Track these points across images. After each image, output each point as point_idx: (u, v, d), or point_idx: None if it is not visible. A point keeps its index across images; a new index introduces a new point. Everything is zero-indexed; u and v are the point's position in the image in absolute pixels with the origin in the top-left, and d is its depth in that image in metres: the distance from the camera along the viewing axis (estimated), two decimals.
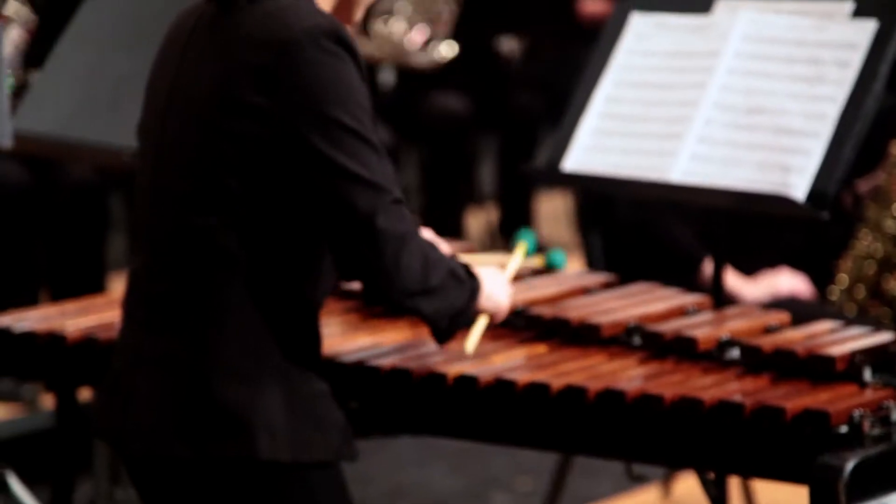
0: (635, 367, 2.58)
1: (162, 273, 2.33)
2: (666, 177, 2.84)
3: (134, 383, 2.33)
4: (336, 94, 2.22)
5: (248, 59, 2.24)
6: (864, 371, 2.46)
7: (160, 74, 2.38)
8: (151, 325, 2.34)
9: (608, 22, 3.08)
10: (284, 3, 2.27)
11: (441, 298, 2.30)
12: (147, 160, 2.37)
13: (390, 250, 2.24)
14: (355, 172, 2.22)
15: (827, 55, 2.81)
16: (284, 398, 2.29)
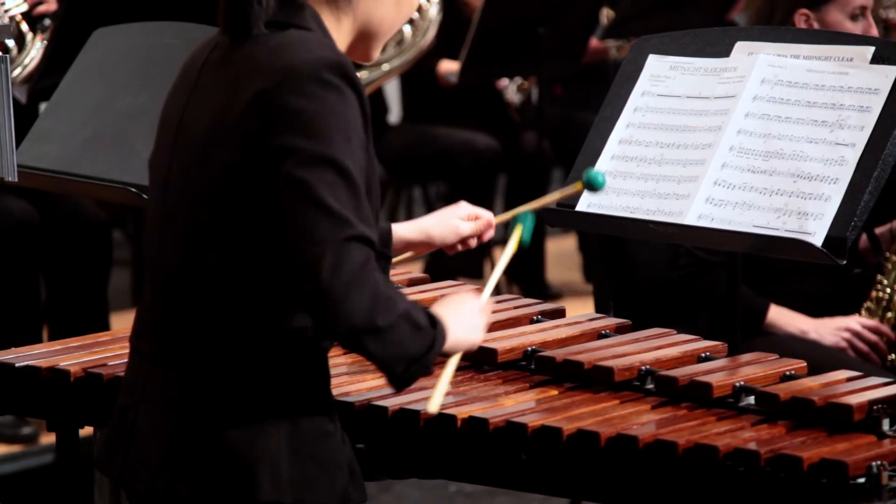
0: (648, 412, 2.57)
1: (169, 308, 2.33)
2: (681, 220, 2.84)
3: (138, 419, 2.33)
4: (325, 125, 2.20)
5: (249, 87, 2.24)
6: (883, 421, 2.45)
7: (172, 107, 2.38)
8: (158, 360, 2.34)
9: (624, 63, 3.09)
10: (297, 35, 2.28)
11: (391, 341, 2.21)
12: (155, 193, 2.38)
13: (340, 283, 2.17)
14: (323, 201, 2.18)
15: (847, 100, 2.82)
16: (289, 438, 2.28)
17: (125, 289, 5.76)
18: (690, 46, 3.05)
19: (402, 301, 2.23)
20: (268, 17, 2.27)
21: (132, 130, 3.45)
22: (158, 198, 2.36)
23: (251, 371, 2.29)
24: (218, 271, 2.27)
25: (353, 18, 2.35)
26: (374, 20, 2.36)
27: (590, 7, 6.00)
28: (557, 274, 6.48)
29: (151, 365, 2.34)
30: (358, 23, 2.35)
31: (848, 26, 3.77)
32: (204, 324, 2.30)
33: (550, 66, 6.05)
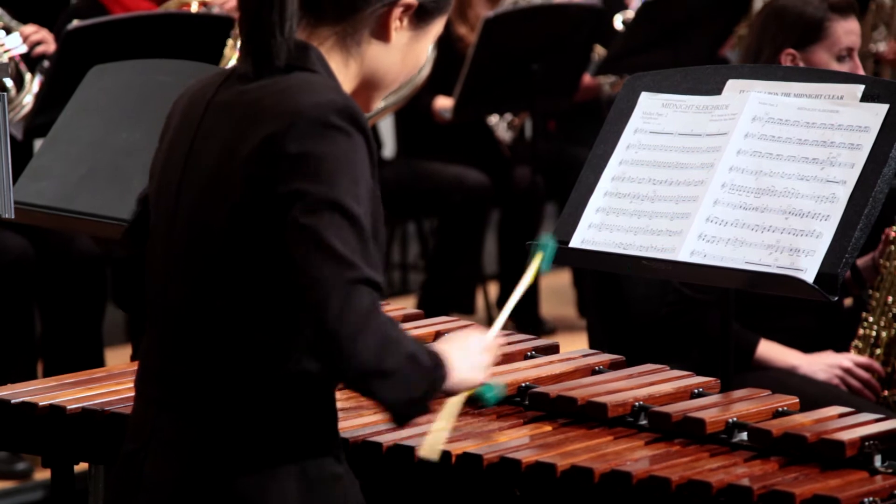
0: (641, 448, 2.57)
1: (175, 352, 2.32)
2: (674, 256, 2.85)
3: (146, 464, 2.32)
4: (333, 168, 2.20)
5: (257, 130, 2.23)
6: (875, 457, 2.46)
7: (175, 148, 2.36)
8: (164, 404, 2.32)
9: (616, 100, 3.10)
10: (303, 78, 2.27)
11: (397, 383, 2.21)
12: (159, 235, 2.36)
13: (348, 327, 2.16)
14: (329, 244, 2.17)
15: (838, 137, 2.83)
16: (298, 482, 2.27)
17: (120, 324, 5.76)
18: (682, 84, 3.06)
19: (407, 342, 2.23)
20: (291, 47, 2.26)
21: (128, 167, 3.45)
22: (162, 241, 2.34)
23: (259, 415, 2.27)
24: (224, 315, 2.26)
25: (360, 64, 2.35)
26: (380, 69, 2.36)
27: (582, 44, 6.02)
28: (552, 309, 6.48)
29: (158, 409, 2.32)
30: (364, 69, 2.35)
31: (834, 67, 3.79)
32: (209, 368, 2.28)
33: (544, 102, 6.07)
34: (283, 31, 2.25)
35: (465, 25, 6.14)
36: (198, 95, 2.37)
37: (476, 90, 5.79)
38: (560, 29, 5.93)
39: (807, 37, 3.81)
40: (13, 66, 4.83)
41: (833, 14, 3.82)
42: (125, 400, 2.78)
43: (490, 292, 6.47)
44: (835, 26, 3.81)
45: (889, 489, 2.38)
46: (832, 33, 3.81)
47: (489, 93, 5.87)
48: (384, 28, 2.33)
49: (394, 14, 2.33)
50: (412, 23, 2.35)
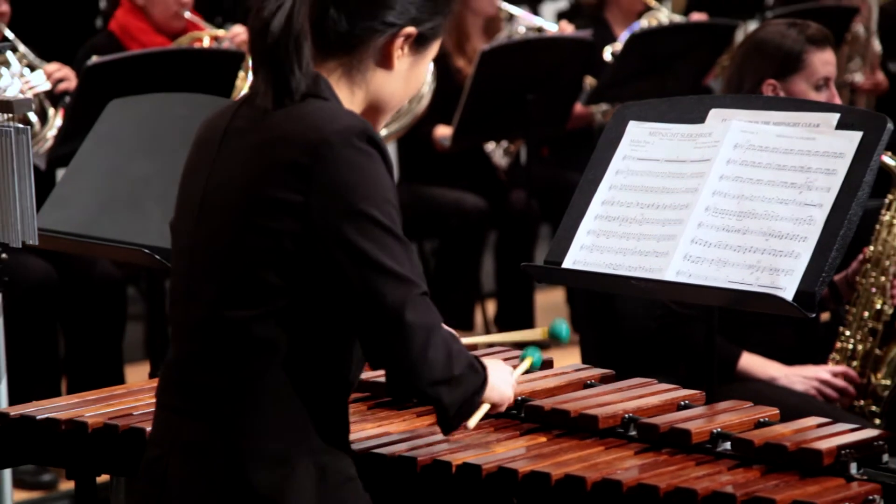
0: (631, 458, 2.58)
1: (198, 363, 2.33)
2: (661, 276, 2.86)
3: (169, 469, 2.33)
4: (366, 191, 2.24)
5: (283, 158, 2.25)
6: (851, 465, 2.46)
7: (193, 174, 2.38)
8: (186, 413, 2.33)
9: (606, 128, 3.11)
10: (317, 105, 2.29)
11: (458, 388, 2.30)
12: (181, 256, 2.38)
13: (418, 342, 2.24)
14: (385, 265, 2.23)
15: (814, 163, 2.83)
16: (315, 482, 2.29)
17: (138, 342, 5.76)
18: (668, 113, 3.06)
19: (465, 351, 2.33)
20: (309, 81, 2.28)
21: (145, 195, 3.46)
22: (185, 260, 2.36)
23: (280, 419, 2.29)
24: (252, 327, 2.27)
25: (365, 91, 2.37)
26: (384, 94, 2.38)
27: (574, 75, 6.03)
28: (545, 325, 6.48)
29: (180, 418, 2.34)
30: (370, 96, 2.37)
31: (812, 96, 3.79)
32: (234, 378, 2.30)
33: (538, 130, 6.08)
34: (301, 67, 2.27)
35: (463, 58, 6.16)
36: (214, 123, 2.38)
37: (474, 119, 5.80)
38: (553, 61, 5.94)
39: (786, 67, 3.82)
40: (37, 101, 4.85)
41: (810, 46, 3.83)
42: (144, 415, 2.79)
43: (488, 310, 6.48)
44: (812, 58, 3.82)
45: (864, 495, 2.39)
46: (810, 64, 3.82)
47: (486, 121, 5.88)
48: (387, 57, 2.35)
49: (395, 44, 2.35)
50: (412, 49, 2.37)
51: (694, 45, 6.15)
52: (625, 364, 3.66)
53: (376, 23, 2.33)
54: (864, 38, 6.70)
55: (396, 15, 2.33)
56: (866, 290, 4.01)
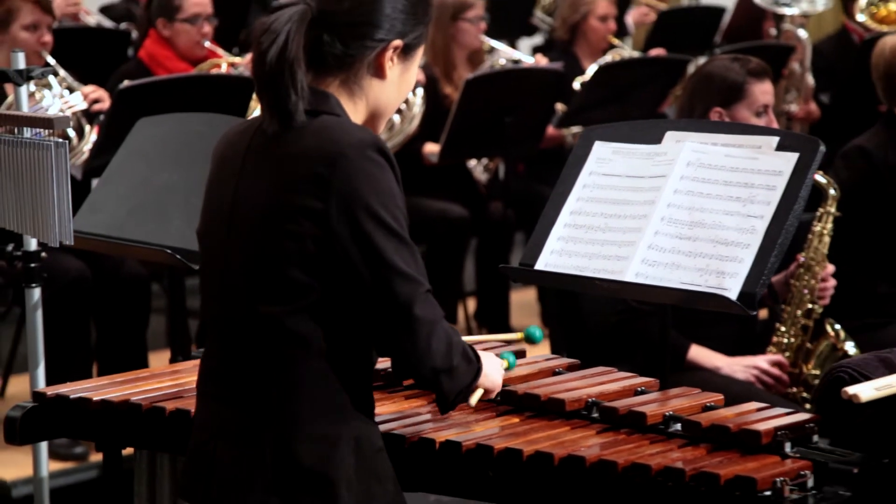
0: (593, 437, 2.58)
1: (235, 356, 2.31)
2: (622, 277, 2.86)
3: (217, 451, 2.30)
4: (379, 197, 2.23)
5: (305, 170, 2.24)
6: (786, 444, 2.46)
7: (219, 187, 2.36)
8: (230, 401, 2.31)
9: (574, 148, 3.11)
10: (330, 121, 2.28)
11: (457, 376, 2.30)
12: (214, 260, 2.35)
13: (423, 334, 2.24)
14: (396, 265, 2.22)
15: (757, 180, 2.83)
16: (354, 454, 2.28)
17: (161, 332, 5.74)
18: (629, 135, 3.06)
19: (462, 343, 2.32)
20: (306, 104, 2.26)
21: (168, 202, 3.46)
22: (218, 262, 2.33)
23: (317, 400, 2.27)
24: (282, 321, 2.25)
25: (366, 102, 2.35)
26: (381, 101, 2.37)
27: (547, 101, 6.03)
28: (520, 320, 6.48)
29: (222, 405, 2.32)
30: (370, 105, 2.36)
31: (753, 122, 3.79)
32: (272, 367, 2.27)
33: (515, 149, 6.08)
34: (297, 92, 2.25)
35: (450, 85, 6.15)
36: (234, 141, 2.36)
37: (458, 138, 5.79)
38: (528, 88, 5.93)
39: (730, 97, 3.83)
40: (76, 119, 4.84)
41: (751, 78, 3.83)
42: (165, 395, 2.78)
43: (469, 307, 6.47)
44: (753, 88, 3.82)
45: (796, 471, 2.39)
46: (751, 94, 3.82)
47: (469, 140, 5.87)
48: (380, 68, 2.34)
49: (386, 56, 2.33)
50: (401, 58, 2.36)
51: (652, 77, 6.15)
52: (589, 355, 3.67)
53: (367, 41, 2.31)
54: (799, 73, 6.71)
55: (384, 31, 2.32)
56: (799, 292, 4.02)
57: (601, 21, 6.58)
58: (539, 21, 8.24)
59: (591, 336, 4.07)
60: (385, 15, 2.31)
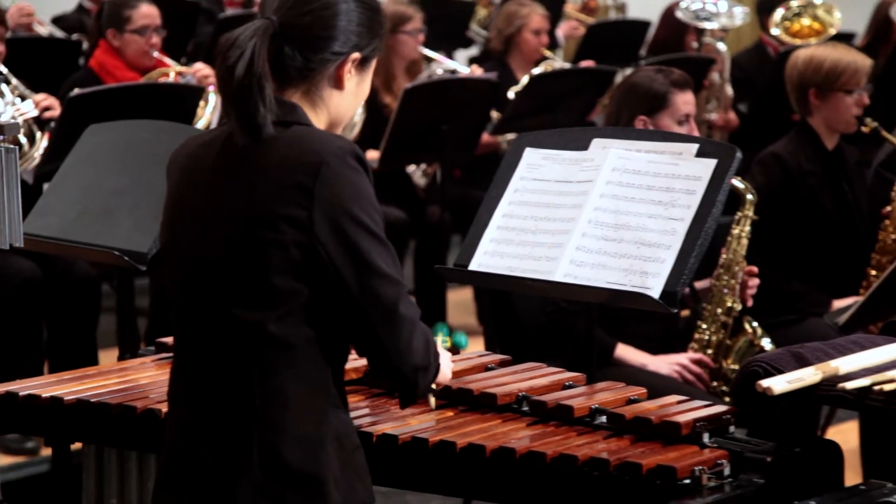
0: (524, 429, 2.58)
1: (215, 364, 2.25)
2: (551, 277, 2.86)
3: (201, 460, 2.24)
4: (361, 203, 2.20)
5: (286, 180, 2.19)
6: (704, 435, 2.48)
7: (188, 198, 2.29)
8: (210, 410, 2.25)
9: (506, 154, 3.11)
10: (303, 130, 2.25)
11: (430, 373, 2.28)
12: (186, 271, 2.28)
13: (406, 333, 2.21)
14: (380, 268, 2.19)
15: (678, 185, 2.85)
16: (337, 453, 2.24)
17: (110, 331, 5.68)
18: (558, 142, 3.07)
19: (434, 342, 2.29)
20: (273, 117, 2.22)
21: (116, 206, 3.42)
22: (192, 273, 2.27)
23: (299, 404, 2.22)
24: (264, 327, 2.20)
25: (326, 112, 2.33)
26: (340, 111, 2.35)
27: (482, 109, 6.04)
28: (457, 318, 6.49)
29: (201, 414, 2.25)
30: (330, 115, 2.34)
31: (676, 130, 3.81)
32: (252, 373, 2.22)
33: (451, 155, 6.08)
34: (266, 104, 2.22)
35: (389, 95, 6.14)
36: (198, 154, 2.31)
37: (398, 145, 5.79)
38: (464, 97, 5.94)
39: (654, 106, 3.84)
40: (27, 126, 4.78)
41: (674, 88, 3.85)
42: (113, 392, 2.76)
43: None
44: (675, 98, 3.85)
45: (714, 460, 2.40)
46: (673, 103, 3.84)
47: (408, 147, 5.87)
48: (339, 80, 2.32)
49: (345, 68, 2.32)
50: (357, 69, 2.34)
51: (581, 87, 6.18)
52: (521, 351, 3.67)
53: (326, 54, 2.29)
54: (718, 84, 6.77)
55: (342, 45, 2.30)
56: (719, 291, 4.05)
57: (534, 34, 6.60)
58: (474, 34, 8.25)
59: (523, 333, 4.07)
60: (342, 29, 2.30)
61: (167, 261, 2.33)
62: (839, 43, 5.08)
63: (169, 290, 2.34)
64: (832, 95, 4.43)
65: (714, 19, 6.90)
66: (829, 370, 2.53)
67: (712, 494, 2.32)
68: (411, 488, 2.63)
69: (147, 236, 3.33)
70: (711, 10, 6.96)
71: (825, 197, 4.47)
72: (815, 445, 2.52)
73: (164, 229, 2.34)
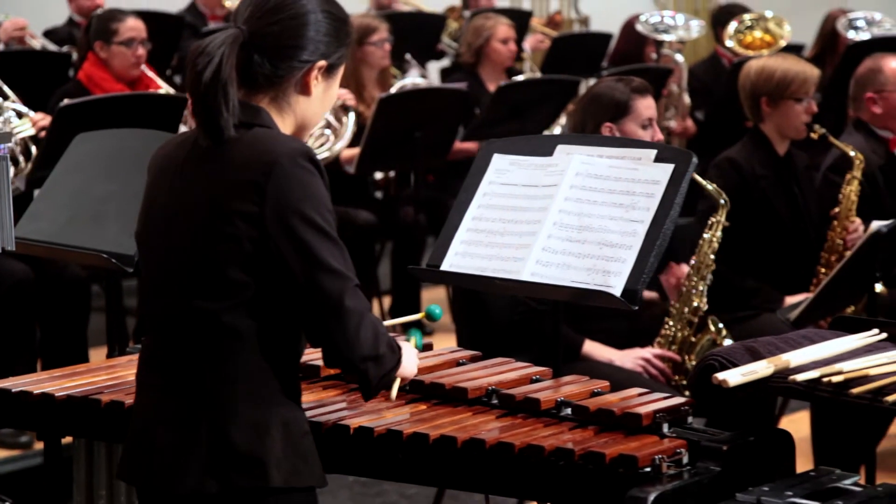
0: (493, 421, 2.58)
1: (174, 349, 2.28)
2: (518, 277, 2.86)
3: (157, 438, 2.27)
4: (310, 201, 2.21)
5: (242, 177, 2.22)
6: (664, 426, 2.48)
7: (159, 193, 2.33)
8: (168, 390, 2.28)
9: (475, 160, 3.11)
10: (263, 132, 2.27)
11: (382, 364, 2.28)
12: (153, 261, 2.32)
13: (353, 324, 2.22)
14: (327, 262, 2.20)
15: (638, 188, 2.85)
16: (283, 437, 2.26)
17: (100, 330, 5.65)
18: (525, 148, 3.06)
19: (387, 334, 2.30)
20: (235, 121, 2.24)
21: (104, 211, 3.41)
22: (158, 263, 2.30)
23: (251, 389, 2.25)
24: (219, 317, 2.23)
25: (293, 117, 2.34)
26: (307, 116, 2.36)
27: (454, 117, 6.04)
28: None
29: (161, 394, 2.28)
30: (297, 119, 2.35)
31: (640, 133, 3.83)
32: (208, 359, 2.25)
33: (424, 160, 6.08)
34: (229, 109, 2.24)
35: (362, 104, 6.14)
36: (172, 153, 2.34)
37: (374, 151, 5.78)
38: (436, 106, 5.94)
39: (618, 113, 3.85)
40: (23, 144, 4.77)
41: (635, 94, 3.86)
42: (101, 388, 2.74)
43: (384, 303, 6.45)
44: (637, 104, 3.85)
45: (673, 449, 2.40)
46: (636, 109, 3.85)
47: (384, 153, 5.86)
48: (306, 86, 2.33)
49: (312, 75, 2.33)
50: (324, 76, 2.35)
51: (546, 97, 6.19)
52: (492, 347, 3.66)
53: (294, 62, 2.31)
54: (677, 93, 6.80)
55: (309, 53, 2.31)
56: (688, 291, 4.06)
57: (502, 43, 6.61)
58: (446, 46, 8.25)
59: (494, 330, 4.07)
60: (310, 38, 2.30)
61: (140, 254, 2.37)
62: (789, 54, 5.10)
63: (140, 281, 2.38)
64: (783, 103, 4.45)
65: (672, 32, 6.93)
66: (780, 363, 2.54)
67: (671, 482, 2.33)
68: (387, 478, 2.61)
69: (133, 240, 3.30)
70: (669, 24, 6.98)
71: (777, 199, 4.49)
72: (769, 434, 2.52)
73: (138, 222, 2.37)
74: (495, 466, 2.44)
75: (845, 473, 2.39)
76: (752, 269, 4.47)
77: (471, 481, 2.50)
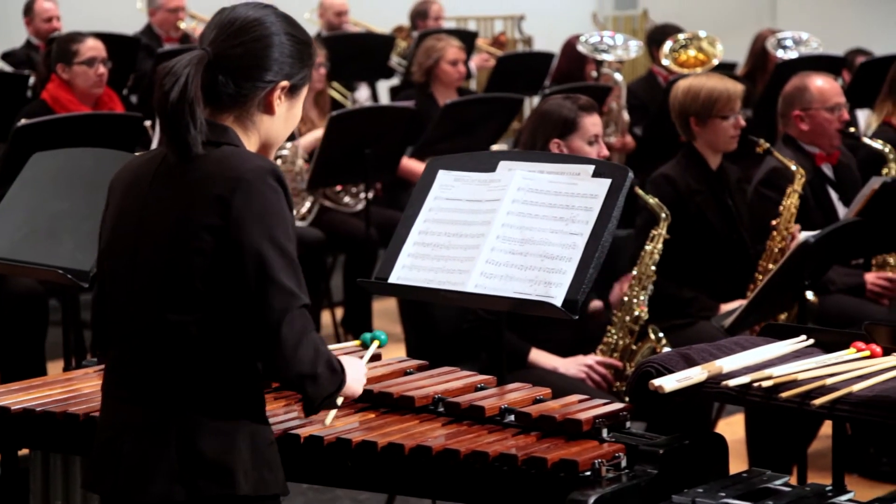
0: (440, 428, 2.57)
1: (143, 360, 2.26)
2: (463, 288, 2.86)
3: (124, 448, 2.25)
4: (271, 219, 2.21)
5: (209, 193, 2.21)
6: (603, 431, 2.49)
7: (126, 211, 2.31)
8: (136, 401, 2.26)
9: (421, 176, 3.11)
10: (230, 150, 2.27)
11: (320, 383, 2.25)
12: (120, 276, 2.30)
13: (292, 342, 2.20)
14: (279, 279, 2.20)
15: (577, 203, 2.86)
16: (249, 446, 2.25)
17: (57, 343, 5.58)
18: (468, 164, 3.06)
19: (328, 353, 2.27)
20: (203, 138, 2.24)
21: (60, 228, 3.38)
22: (125, 278, 2.28)
23: (218, 400, 2.24)
24: (188, 328, 2.22)
25: (258, 135, 2.34)
26: (271, 135, 2.35)
27: (401, 135, 6.04)
28: (381, 326, 6.46)
29: (130, 406, 2.26)
30: (261, 138, 2.35)
31: (587, 149, 3.85)
32: (176, 370, 2.23)
33: (374, 176, 6.07)
34: (196, 127, 2.23)
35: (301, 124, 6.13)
36: (139, 172, 2.32)
37: (325, 167, 5.76)
38: (385, 124, 5.93)
39: (565, 130, 3.86)
40: None
41: (581, 112, 3.88)
42: (58, 401, 2.70)
43: (337, 314, 6.43)
44: (583, 120, 3.87)
45: (612, 453, 2.41)
46: (582, 125, 3.87)
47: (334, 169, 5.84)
48: (269, 106, 2.33)
49: (275, 95, 2.33)
50: (288, 96, 2.35)
51: (491, 115, 6.20)
52: (440, 356, 3.66)
53: (258, 82, 2.31)
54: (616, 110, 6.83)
55: (273, 74, 2.31)
56: (630, 301, 4.08)
57: (451, 64, 6.63)
58: (396, 65, 8.25)
59: (441, 340, 4.06)
60: (274, 59, 2.30)
61: (105, 270, 2.34)
62: (714, 73, 5.14)
63: (105, 297, 2.34)
64: (711, 121, 4.50)
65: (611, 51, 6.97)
66: (714, 369, 2.55)
67: (610, 485, 2.33)
68: (338, 485, 2.60)
69: (89, 256, 3.28)
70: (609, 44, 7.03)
71: (711, 212, 4.53)
72: (703, 438, 2.53)
73: (103, 239, 2.35)
74: (442, 472, 2.43)
75: (776, 474, 2.41)
76: (690, 279, 4.50)
77: (419, 487, 2.49)
